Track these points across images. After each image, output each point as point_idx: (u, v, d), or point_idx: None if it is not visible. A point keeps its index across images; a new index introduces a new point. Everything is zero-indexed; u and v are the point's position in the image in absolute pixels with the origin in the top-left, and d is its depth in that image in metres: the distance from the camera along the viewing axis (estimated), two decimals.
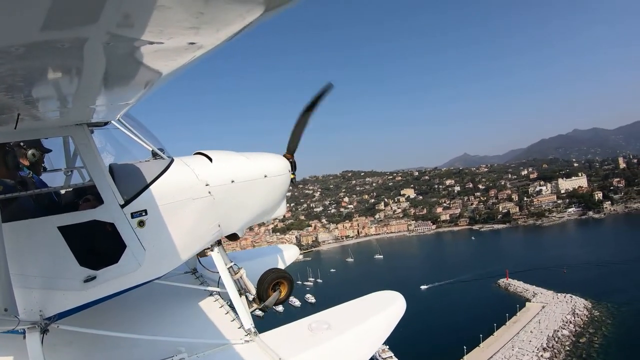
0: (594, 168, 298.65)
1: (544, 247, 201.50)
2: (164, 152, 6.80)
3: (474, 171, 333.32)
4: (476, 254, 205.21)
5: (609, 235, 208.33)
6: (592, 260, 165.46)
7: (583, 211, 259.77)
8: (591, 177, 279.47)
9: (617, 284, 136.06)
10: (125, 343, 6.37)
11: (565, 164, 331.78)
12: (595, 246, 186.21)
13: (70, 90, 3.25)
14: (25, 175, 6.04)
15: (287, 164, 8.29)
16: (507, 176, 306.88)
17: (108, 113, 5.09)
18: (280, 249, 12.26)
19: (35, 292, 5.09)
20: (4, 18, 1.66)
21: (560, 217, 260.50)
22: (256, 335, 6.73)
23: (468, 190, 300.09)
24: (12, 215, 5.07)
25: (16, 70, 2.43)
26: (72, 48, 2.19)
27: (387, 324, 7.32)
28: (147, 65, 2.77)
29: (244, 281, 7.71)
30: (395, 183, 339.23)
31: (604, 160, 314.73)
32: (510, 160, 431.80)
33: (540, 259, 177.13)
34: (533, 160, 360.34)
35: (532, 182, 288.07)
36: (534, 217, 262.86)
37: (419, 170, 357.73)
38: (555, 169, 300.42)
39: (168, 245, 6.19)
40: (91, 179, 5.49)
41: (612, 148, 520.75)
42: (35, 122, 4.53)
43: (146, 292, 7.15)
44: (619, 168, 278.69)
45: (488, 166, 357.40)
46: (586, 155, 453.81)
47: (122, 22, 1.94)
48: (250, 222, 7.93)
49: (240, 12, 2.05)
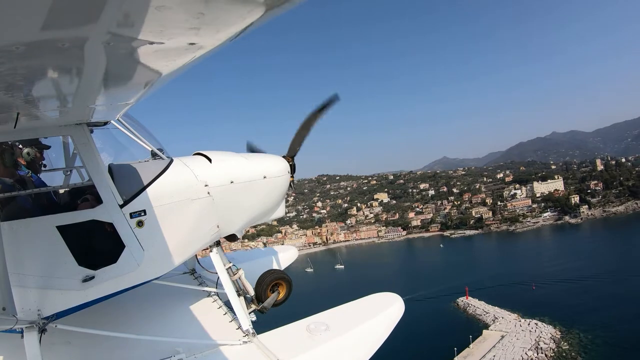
0: (571, 170, 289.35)
1: (515, 257, 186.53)
2: (163, 152, 6.83)
3: (450, 174, 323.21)
4: (440, 265, 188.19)
5: (585, 243, 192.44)
6: (566, 272, 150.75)
7: (559, 216, 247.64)
8: (568, 179, 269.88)
9: (591, 302, 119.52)
10: (123, 343, 6.36)
11: (543, 166, 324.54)
12: (570, 256, 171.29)
13: (70, 89, 3.27)
14: (24, 175, 6.04)
15: (287, 165, 8.29)
16: (482, 179, 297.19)
17: (108, 113, 5.13)
18: (279, 250, 12.24)
19: (33, 291, 5.09)
20: (4, 17, 1.67)
21: (535, 222, 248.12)
22: (254, 336, 6.74)
23: (442, 194, 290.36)
24: (10, 214, 5.10)
25: (16, 69, 2.43)
26: (73, 48, 2.19)
27: (385, 326, 7.34)
28: (147, 65, 2.80)
29: (242, 282, 7.68)
30: (370, 187, 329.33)
31: (582, 163, 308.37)
32: (488, 163, 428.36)
33: (508, 271, 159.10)
34: (510, 163, 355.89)
35: (507, 185, 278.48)
36: (507, 222, 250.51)
37: (394, 174, 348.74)
38: (531, 172, 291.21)
39: (167, 245, 6.20)
40: (90, 178, 5.51)
41: (590, 150, 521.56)
42: (35, 122, 4.55)
43: (145, 293, 7.15)
44: (596, 170, 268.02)
45: (465, 169, 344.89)
46: (564, 158, 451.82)
47: (122, 21, 1.94)
48: (249, 223, 7.94)
49: (241, 13, 2.05)
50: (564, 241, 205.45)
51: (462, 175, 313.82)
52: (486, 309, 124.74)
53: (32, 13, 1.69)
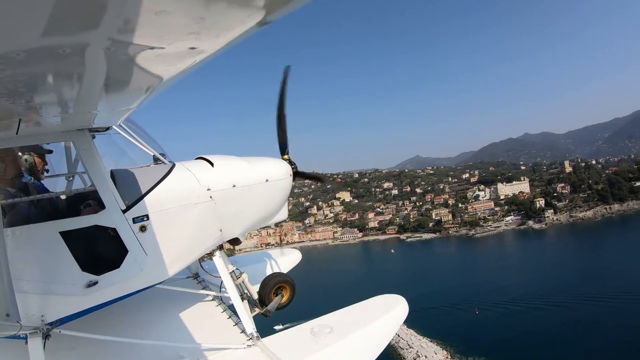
0: (539, 172, 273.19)
1: (466, 269, 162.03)
2: (165, 157, 6.83)
3: (415, 174, 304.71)
4: (382, 276, 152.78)
5: (547, 253, 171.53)
6: (520, 290, 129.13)
7: (522, 220, 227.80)
8: (535, 181, 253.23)
9: (548, 332, 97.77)
10: (127, 348, 6.37)
11: (512, 167, 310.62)
12: (528, 269, 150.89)
13: (72, 95, 3.28)
14: (26, 181, 6.04)
15: (289, 169, 8.28)
16: (447, 179, 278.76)
17: (109, 118, 5.14)
18: (282, 253, 12.27)
19: (37, 297, 5.09)
20: (5, 24, 1.67)
21: (497, 226, 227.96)
22: (258, 339, 6.74)
23: (405, 194, 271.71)
24: (13, 220, 5.10)
25: (17, 75, 2.44)
26: (73, 54, 2.20)
27: (389, 328, 7.39)
28: (148, 70, 2.81)
29: (245, 285, 7.69)
30: (334, 185, 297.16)
31: (552, 164, 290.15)
32: (460, 163, 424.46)
33: (454, 287, 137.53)
34: (480, 163, 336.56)
35: (472, 186, 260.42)
36: (467, 226, 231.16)
37: (359, 172, 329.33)
38: (498, 173, 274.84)
39: (170, 250, 6.20)
40: (93, 184, 5.52)
41: (561, 152, 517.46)
42: (36, 128, 4.57)
43: (148, 297, 7.15)
44: (564, 172, 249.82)
45: (434, 168, 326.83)
46: (535, 159, 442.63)
47: (122, 27, 1.94)
48: (252, 226, 7.93)
49: (241, 17, 2.05)
50: (524, 250, 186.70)
51: (427, 175, 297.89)
52: (412, 341, 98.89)
53: (32, 20, 1.69)
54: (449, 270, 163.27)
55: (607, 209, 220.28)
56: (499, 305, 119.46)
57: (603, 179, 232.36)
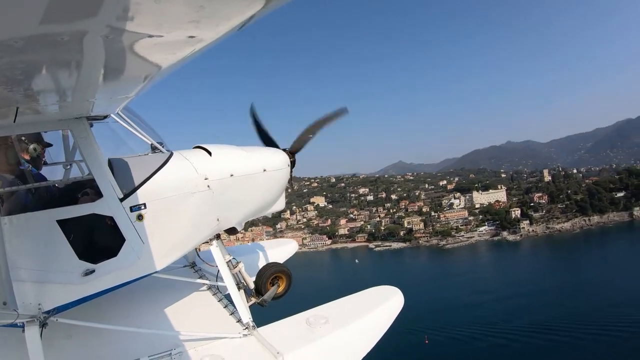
0: (516, 180, 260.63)
1: (429, 285, 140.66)
2: (163, 145, 6.82)
3: (392, 179, 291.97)
4: (334, 292, 51.84)
5: (520, 267, 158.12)
6: (484, 312, 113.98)
7: (496, 230, 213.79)
8: (512, 190, 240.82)
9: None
10: (124, 336, 6.37)
11: (493, 174, 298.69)
12: (498, 286, 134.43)
13: (70, 83, 3.27)
14: (24, 169, 6.00)
15: (287, 159, 8.33)
16: (423, 186, 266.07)
17: (107, 106, 5.16)
18: (279, 243, 12.35)
19: (34, 285, 5.10)
20: (3, 11, 1.66)
21: (469, 236, 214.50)
22: (254, 329, 6.75)
23: (379, 200, 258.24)
24: (11, 208, 5.12)
25: (16, 63, 2.42)
26: (72, 41, 2.17)
27: (385, 319, 7.43)
28: (147, 59, 2.81)
29: (242, 275, 7.70)
30: (310, 190, 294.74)
31: (532, 172, 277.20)
32: (442, 169, 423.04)
33: (405, 308, 53.35)
34: (461, 170, 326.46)
35: (448, 193, 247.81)
36: (438, 235, 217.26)
37: (336, 177, 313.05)
38: (475, 180, 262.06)
39: (167, 238, 6.23)
40: (90, 172, 5.51)
41: (543, 160, 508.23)
42: (34, 116, 4.55)
43: (145, 286, 7.22)
44: (543, 181, 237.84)
45: (413, 174, 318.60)
46: (517, 167, 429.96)
47: (121, 15, 1.92)
48: (249, 216, 7.98)
49: (241, 6, 2.04)
50: (496, 263, 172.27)
51: (404, 181, 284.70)
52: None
53: (31, 7, 1.68)
54: (409, 284, 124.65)
55: (586, 220, 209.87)
56: (456, 331, 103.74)
57: (583, 189, 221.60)
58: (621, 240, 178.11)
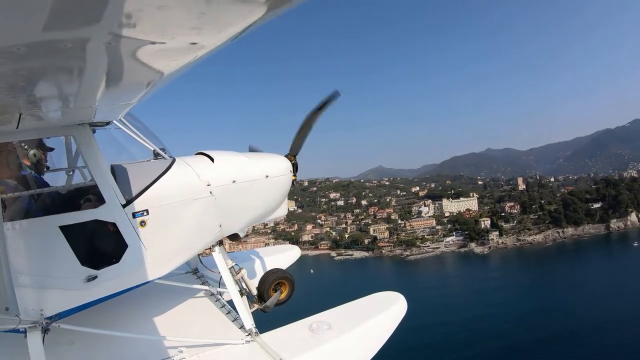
0: (490, 188, 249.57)
1: None
2: (165, 152, 6.85)
3: (364, 184, 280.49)
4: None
5: (483, 285, 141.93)
6: (432, 343, 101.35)
7: (464, 241, 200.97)
8: (484, 198, 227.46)
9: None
10: (126, 342, 6.37)
11: (470, 181, 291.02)
12: (452, 310, 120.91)
13: (72, 90, 3.29)
14: (27, 175, 6.04)
15: (289, 165, 8.30)
16: (395, 192, 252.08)
17: (110, 113, 5.15)
18: (282, 249, 12.33)
19: (36, 291, 5.11)
20: (6, 18, 1.66)
21: (435, 247, 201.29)
22: (257, 335, 6.75)
23: (348, 206, 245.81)
24: (13, 214, 5.13)
25: (18, 70, 2.43)
26: (75, 48, 2.18)
27: (388, 325, 7.39)
28: (149, 65, 2.82)
29: (245, 281, 7.68)
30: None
31: (510, 180, 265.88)
32: (421, 175, 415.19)
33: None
34: (437, 176, 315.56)
35: (419, 200, 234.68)
36: (402, 245, 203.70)
37: (309, 180, 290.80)
38: (448, 187, 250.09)
39: (169, 245, 6.23)
40: (93, 178, 5.54)
41: (522, 168, 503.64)
42: (37, 122, 4.55)
43: (147, 292, 7.28)
44: (517, 190, 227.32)
45: (389, 179, 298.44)
46: (496, 174, 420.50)
47: (124, 21, 1.93)
48: (252, 222, 7.97)
49: (243, 12, 2.04)
50: (459, 279, 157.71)
51: (376, 187, 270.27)
52: None
53: (33, 14, 1.69)
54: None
55: (559, 232, 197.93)
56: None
57: (557, 199, 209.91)
58: (597, 255, 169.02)
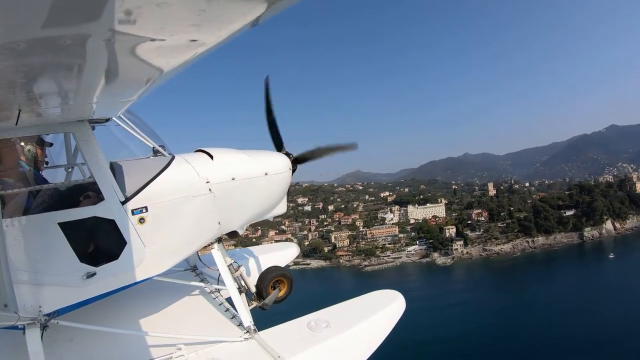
0: (459, 193, 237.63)
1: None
2: (165, 149, 6.82)
3: (334, 189, 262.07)
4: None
5: (444, 300, 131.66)
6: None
7: (427, 251, 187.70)
8: (453, 204, 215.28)
9: None
10: (125, 339, 6.37)
11: (444, 185, 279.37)
12: (408, 330, 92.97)
13: (72, 86, 3.30)
14: (25, 171, 5.99)
15: (288, 162, 8.32)
16: (364, 197, 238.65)
17: (109, 110, 5.17)
18: (280, 247, 12.28)
19: (35, 288, 5.10)
20: (6, 15, 1.67)
21: (396, 257, 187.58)
22: (255, 332, 6.76)
23: (314, 212, 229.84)
24: (12, 211, 5.12)
25: (18, 66, 2.43)
26: (74, 45, 2.18)
27: (386, 323, 7.41)
28: (149, 62, 2.83)
29: (243, 279, 7.70)
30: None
31: (484, 185, 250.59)
32: (399, 179, 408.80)
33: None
34: (411, 181, 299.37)
35: (387, 206, 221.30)
36: (361, 254, 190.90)
37: None
38: (424, 192, 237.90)
39: (168, 242, 6.23)
40: (92, 175, 5.53)
41: (499, 172, 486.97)
42: (36, 119, 4.57)
43: (146, 289, 7.20)
44: (487, 195, 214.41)
45: (363, 184, 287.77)
46: (472, 178, 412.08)
47: (123, 19, 1.93)
48: (251, 219, 7.98)
49: (242, 10, 2.05)
50: (418, 293, 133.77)
51: (345, 191, 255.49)
52: None
53: (33, 10, 1.69)
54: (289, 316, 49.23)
55: (529, 242, 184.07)
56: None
57: (527, 206, 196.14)
58: (569, 267, 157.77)
